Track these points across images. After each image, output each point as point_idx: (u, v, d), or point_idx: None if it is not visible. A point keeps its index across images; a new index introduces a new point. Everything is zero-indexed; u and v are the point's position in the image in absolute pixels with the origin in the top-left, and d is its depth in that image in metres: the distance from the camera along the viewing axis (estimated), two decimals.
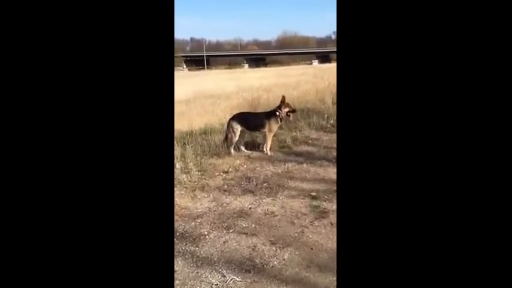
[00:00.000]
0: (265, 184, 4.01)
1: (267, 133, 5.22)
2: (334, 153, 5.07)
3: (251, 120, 5.33)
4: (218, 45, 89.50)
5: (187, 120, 7.33)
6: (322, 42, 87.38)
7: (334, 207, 3.38)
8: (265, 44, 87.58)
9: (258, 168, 4.58)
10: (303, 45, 76.05)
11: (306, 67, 44.05)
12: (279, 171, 4.50)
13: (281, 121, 5.28)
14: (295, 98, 9.69)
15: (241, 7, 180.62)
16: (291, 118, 5.50)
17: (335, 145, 5.31)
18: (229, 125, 5.34)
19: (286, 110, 5.24)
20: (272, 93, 11.84)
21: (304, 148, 5.52)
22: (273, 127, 5.22)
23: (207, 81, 24.78)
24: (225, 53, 76.70)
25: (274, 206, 3.46)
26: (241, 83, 19.72)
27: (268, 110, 5.67)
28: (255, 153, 5.23)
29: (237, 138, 5.25)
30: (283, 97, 5.27)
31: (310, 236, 2.87)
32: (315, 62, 61.85)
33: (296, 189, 3.87)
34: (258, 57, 72.14)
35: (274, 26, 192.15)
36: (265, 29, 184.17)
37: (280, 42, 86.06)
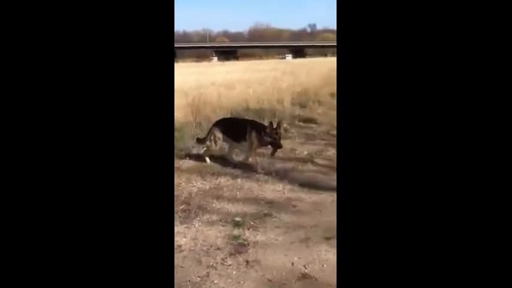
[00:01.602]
0: (183, 206, 3.51)
1: (248, 146, 4.62)
2: (278, 165, 4.64)
3: (234, 129, 4.74)
4: (185, 36, 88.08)
5: None
6: (296, 35, 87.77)
7: (258, 237, 2.93)
8: (236, 36, 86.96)
9: (182, 184, 4.08)
10: (276, 38, 75.96)
11: (278, 62, 43.80)
12: (207, 187, 4.02)
13: (261, 142, 4.49)
14: (251, 97, 9.27)
15: None
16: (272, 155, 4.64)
17: (281, 154, 4.89)
18: (211, 131, 4.84)
19: (268, 139, 4.40)
20: (232, 91, 11.37)
21: None
22: (252, 141, 4.55)
23: None
24: (192, 45, 75.38)
25: (185, 236, 2.96)
26: (204, 77, 19.08)
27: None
28: (189, 163, 4.74)
29: (217, 148, 4.80)
30: (271, 123, 4.49)
31: (216, 281, 2.39)
32: (289, 57, 61.87)
33: (219, 213, 3.39)
34: (228, 49, 71.46)
35: (245, 18, 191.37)
36: (236, 20, 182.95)
37: (252, 34, 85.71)
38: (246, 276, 2.44)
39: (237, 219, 3.23)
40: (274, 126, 4.43)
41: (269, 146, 4.56)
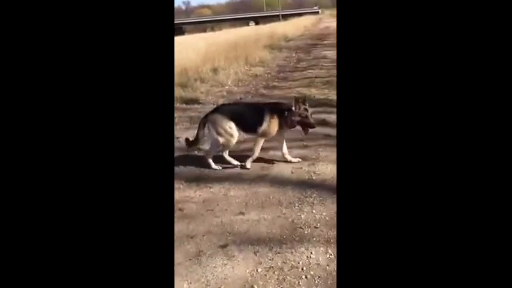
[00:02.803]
0: None
1: (257, 136, 3.61)
2: None
3: (246, 115, 3.60)
4: None
5: None
6: None
7: None
8: None
9: None
10: None
11: None
12: None
13: (287, 124, 3.52)
14: None
15: None
16: (305, 134, 3.62)
17: None
18: (213, 123, 3.58)
19: (297, 118, 3.45)
20: None
21: None
22: (271, 129, 3.55)
23: None
24: None
25: None
26: None
27: None
28: None
29: (235, 140, 3.60)
30: (297, 99, 3.49)
31: None
32: None
33: None
34: None
35: None
36: None
37: None
38: None
39: None
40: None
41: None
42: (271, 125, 3.55)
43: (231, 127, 3.58)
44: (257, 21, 58.03)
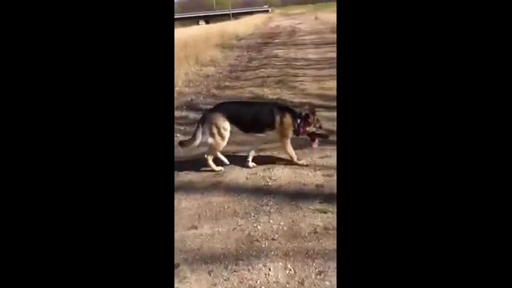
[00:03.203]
0: None
1: (280, 137, 3.37)
2: None
3: (248, 115, 3.35)
4: None
5: None
6: None
7: None
8: None
9: None
10: None
11: None
12: None
13: (298, 132, 3.33)
14: None
15: None
16: (315, 145, 3.44)
17: None
18: (209, 121, 3.32)
19: (312, 129, 3.31)
20: None
21: None
22: (286, 129, 3.30)
23: None
24: None
25: None
26: None
27: None
28: None
29: (225, 143, 3.32)
30: (313, 108, 3.36)
31: None
32: None
33: None
34: None
35: None
36: None
37: None
38: None
39: None
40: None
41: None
42: (285, 124, 3.31)
43: (226, 128, 3.33)
44: (207, 20, 57.39)
